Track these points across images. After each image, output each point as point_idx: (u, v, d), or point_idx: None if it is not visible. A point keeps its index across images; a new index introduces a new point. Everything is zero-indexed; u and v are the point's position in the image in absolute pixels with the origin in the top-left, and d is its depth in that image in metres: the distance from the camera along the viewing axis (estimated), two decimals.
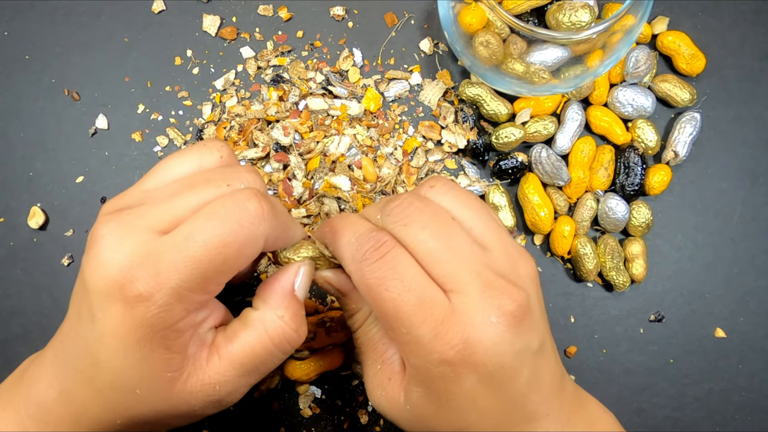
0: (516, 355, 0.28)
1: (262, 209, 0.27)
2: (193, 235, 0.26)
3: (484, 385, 0.28)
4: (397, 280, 0.27)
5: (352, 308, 0.33)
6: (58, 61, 0.46)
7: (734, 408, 0.43)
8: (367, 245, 0.28)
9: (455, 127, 0.45)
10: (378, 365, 0.31)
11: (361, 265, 0.28)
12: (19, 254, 0.44)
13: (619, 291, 0.44)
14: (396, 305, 0.27)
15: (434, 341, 0.27)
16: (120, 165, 0.45)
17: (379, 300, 0.28)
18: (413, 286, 0.27)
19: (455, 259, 0.28)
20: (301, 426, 0.42)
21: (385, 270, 0.28)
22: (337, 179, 0.43)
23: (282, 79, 0.46)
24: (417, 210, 0.29)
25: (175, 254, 0.26)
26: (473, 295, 0.28)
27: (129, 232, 0.27)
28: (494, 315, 0.27)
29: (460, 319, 0.27)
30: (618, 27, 0.35)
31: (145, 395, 0.28)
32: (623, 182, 0.44)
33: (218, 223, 0.26)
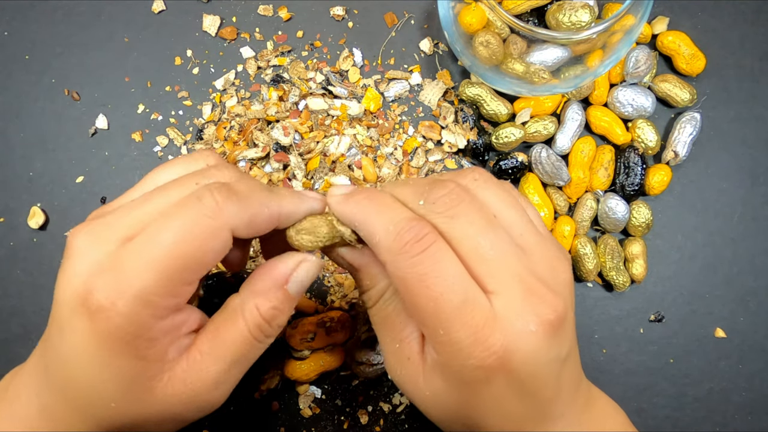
0: (548, 363, 0.27)
1: (215, 200, 0.26)
2: (152, 237, 0.25)
3: (512, 390, 0.27)
4: (440, 278, 0.26)
5: (366, 284, 0.31)
6: (58, 61, 0.46)
7: (734, 408, 0.43)
8: (407, 235, 0.26)
9: (455, 127, 0.45)
10: (396, 344, 0.30)
11: (399, 257, 0.26)
12: (19, 254, 0.44)
13: (619, 291, 0.44)
14: (437, 305, 0.26)
15: (473, 346, 0.26)
16: (120, 165, 0.45)
17: (417, 296, 0.26)
18: (456, 286, 0.26)
19: (499, 260, 0.27)
20: (301, 426, 0.42)
21: (427, 265, 0.26)
22: (337, 179, 0.43)
23: (282, 79, 0.46)
24: (464, 203, 0.28)
25: (136, 259, 0.25)
26: (515, 300, 0.26)
27: (95, 241, 0.26)
28: (534, 323, 0.26)
29: (500, 324, 0.26)
30: (618, 27, 0.35)
31: (124, 406, 0.27)
32: (623, 182, 0.44)
33: (174, 221, 0.26)
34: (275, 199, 0.29)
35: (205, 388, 0.28)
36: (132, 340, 0.25)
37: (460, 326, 0.26)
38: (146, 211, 0.27)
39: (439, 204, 0.28)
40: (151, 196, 0.28)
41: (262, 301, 0.29)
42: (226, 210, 0.26)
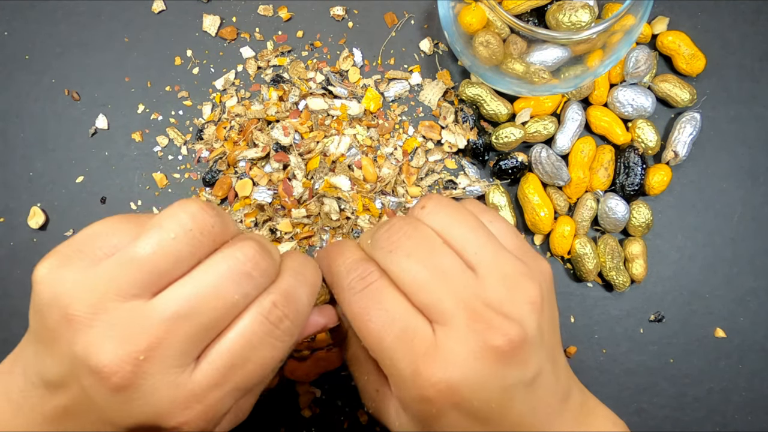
0: (504, 390, 0.26)
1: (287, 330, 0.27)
2: (229, 369, 0.26)
3: (470, 419, 0.27)
4: (381, 311, 0.27)
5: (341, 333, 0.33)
6: (58, 61, 0.46)
7: (734, 408, 0.43)
8: (353, 274, 0.29)
9: (455, 127, 0.45)
10: (365, 376, 0.31)
11: (347, 294, 0.29)
12: (19, 254, 0.44)
13: (619, 291, 0.44)
14: (378, 336, 0.27)
15: (415, 377, 0.26)
16: (120, 165, 0.45)
17: (362, 330, 0.28)
18: (396, 318, 0.27)
19: (441, 288, 0.27)
20: (301, 426, 0.42)
21: (368, 300, 0.28)
22: (337, 179, 0.43)
23: (282, 79, 0.46)
24: (404, 236, 0.28)
25: (217, 392, 0.26)
26: (459, 328, 0.26)
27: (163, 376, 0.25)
28: (479, 351, 0.26)
29: (442, 355, 0.26)
30: (618, 27, 0.35)
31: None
32: (623, 182, 0.44)
33: (253, 356, 0.26)
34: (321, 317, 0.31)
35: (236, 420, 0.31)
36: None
37: (401, 357, 0.27)
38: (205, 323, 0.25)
39: (380, 241, 0.29)
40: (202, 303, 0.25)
41: None
42: (292, 341, 0.28)
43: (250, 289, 0.26)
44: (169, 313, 0.24)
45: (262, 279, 0.27)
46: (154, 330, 0.24)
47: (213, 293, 0.25)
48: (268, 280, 0.27)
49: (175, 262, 0.25)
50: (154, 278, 0.25)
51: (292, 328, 0.27)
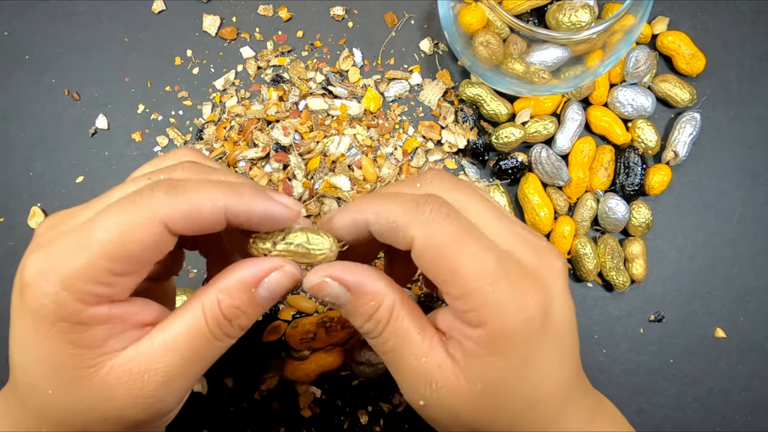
0: (572, 321, 0.28)
1: (150, 193, 0.25)
2: (87, 225, 0.25)
3: (557, 344, 0.27)
4: (474, 235, 0.26)
5: (370, 306, 0.27)
6: (58, 61, 0.46)
7: (734, 408, 0.43)
8: (429, 204, 0.26)
9: (455, 127, 0.45)
10: (422, 357, 0.27)
11: (429, 226, 0.26)
12: (19, 254, 0.44)
13: (619, 291, 0.44)
14: (478, 261, 0.25)
15: (522, 296, 0.26)
16: (120, 165, 0.45)
17: (456, 260, 0.25)
18: (488, 242, 0.26)
19: (503, 222, 0.28)
20: (301, 426, 0.42)
21: (458, 225, 0.26)
22: (337, 179, 0.43)
23: (282, 79, 0.46)
24: (454, 179, 0.29)
25: (67, 243, 0.25)
26: (529, 255, 0.27)
27: (55, 226, 0.27)
28: (552, 273, 0.27)
29: (533, 274, 0.27)
30: (618, 27, 0.35)
31: (59, 395, 0.26)
32: (623, 182, 0.44)
33: (109, 212, 0.25)
34: (227, 196, 0.26)
35: (154, 381, 0.26)
36: (56, 322, 0.25)
37: (504, 277, 0.26)
38: (102, 203, 0.27)
39: (437, 181, 0.29)
40: (112, 191, 0.28)
41: (225, 297, 0.27)
42: (157, 201, 0.25)
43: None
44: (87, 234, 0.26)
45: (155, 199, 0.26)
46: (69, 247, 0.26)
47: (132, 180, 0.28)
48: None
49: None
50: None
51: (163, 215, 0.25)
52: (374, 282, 0.27)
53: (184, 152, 0.31)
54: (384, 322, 0.28)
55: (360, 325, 0.28)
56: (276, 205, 0.27)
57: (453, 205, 0.27)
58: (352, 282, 0.27)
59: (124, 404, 0.26)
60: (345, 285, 0.27)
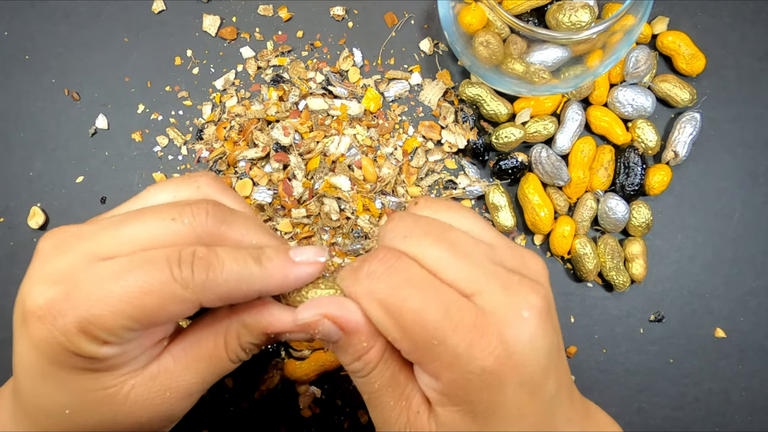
0: (548, 353, 0.26)
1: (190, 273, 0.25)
2: (117, 274, 0.24)
3: (525, 391, 0.26)
4: (414, 288, 0.25)
5: (362, 347, 0.27)
6: (58, 61, 0.46)
7: (734, 408, 0.43)
8: (372, 262, 0.26)
9: (455, 127, 0.45)
10: (403, 402, 0.27)
11: (369, 283, 0.26)
12: (19, 254, 0.44)
13: (619, 291, 0.44)
14: (421, 315, 0.25)
15: (472, 349, 0.25)
16: (120, 165, 0.45)
17: (399, 315, 0.25)
18: (432, 293, 0.25)
19: (466, 261, 0.26)
20: (301, 426, 0.42)
21: (397, 279, 0.25)
22: (337, 179, 0.43)
23: (282, 79, 0.46)
24: (412, 223, 0.28)
25: (94, 287, 0.24)
26: (496, 294, 0.26)
27: (65, 251, 0.25)
28: (525, 309, 0.26)
29: (492, 319, 0.25)
30: (618, 27, 0.35)
31: (77, 414, 0.26)
32: (623, 182, 0.44)
33: (144, 272, 0.25)
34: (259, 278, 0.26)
35: (176, 397, 0.27)
36: (72, 356, 0.25)
37: (451, 331, 0.25)
38: (121, 235, 0.26)
39: (389, 231, 0.28)
40: (130, 220, 0.27)
41: (246, 334, 0.28)
42: (199, 286, 0.25)
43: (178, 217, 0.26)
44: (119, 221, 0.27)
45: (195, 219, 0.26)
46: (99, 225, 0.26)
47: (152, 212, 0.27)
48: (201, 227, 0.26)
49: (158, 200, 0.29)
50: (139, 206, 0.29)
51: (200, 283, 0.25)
52: (368, 324, 0.27)
53: (205, 181, 0.30)
54: (373, 364, 0.27)
55: (348, 363, 0.28)
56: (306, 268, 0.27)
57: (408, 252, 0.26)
58: (346, 322, 0.27)
59: (142, 418, 0.27)
60: (339, 325, 0.27)
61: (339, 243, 0.44)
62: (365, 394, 0.28)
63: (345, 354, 0.27)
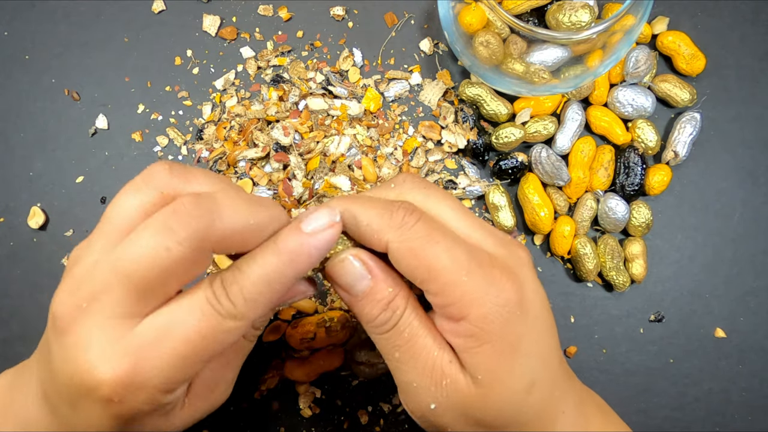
0: (544, 298, 0.29)
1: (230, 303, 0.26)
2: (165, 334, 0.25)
3: (538, 325, 0.28)
4: (443, 233, 0.28)
5: (388, 293, 0.28)
6: (58, 61, 0.46)
7: (734, 408, 0.43)
8: (400, 211, 0.28)
9: (455, 127, 0.45)
10: (435, 351, 0.28)
11: (401, 230, 0.27)
12: (19, 254, 0.44)
13: (619, 291, 0.44)
14: (451, 255, 0.27)
15: (497, 282, 0.27)
16: (120, 165, 0.45)
17: (430, 258, 0.27)
18: (458, 239, 0.28)
19: (471, 219, 0.29)
20: (301, 426, 0.42)
21: (428, 229, 0.27)
22: (337, 179, 0.43)
23: (282, 79, 0.46)
24: (424, 181, 0.31)
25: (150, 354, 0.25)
26: (496, 247, 0.29)
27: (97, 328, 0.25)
28: (519, 262, 0.29)
29: (502, 262, 0.28)
30: (618, 27, 0.35)
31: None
32: (623, 182, 0.44)
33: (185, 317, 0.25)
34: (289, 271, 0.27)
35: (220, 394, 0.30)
36: (147, 414, 0.26)
37: (477, 267, 0.27)
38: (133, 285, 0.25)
39: (408, 182, 0.30)
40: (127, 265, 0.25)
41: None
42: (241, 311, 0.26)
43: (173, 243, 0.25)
44: (112, 264, 0.25)
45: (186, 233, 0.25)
46: (100, 280, 0.25)
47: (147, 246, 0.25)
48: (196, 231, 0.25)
49: (127, 216, 0.27)
50: (114, 232, 0.26)
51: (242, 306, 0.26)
52: (392, 272, 0.29)
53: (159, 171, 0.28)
54: (401, 310, 0.28)
55: (375, 314, 0.28)
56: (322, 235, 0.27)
57: (423, 207, 0.29)
58: (374, 266, 0.29)
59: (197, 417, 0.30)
60: (368, 267, 0.28)
61: None
62: (394, 350, 0.28)
63: (372, 303, 0.28)
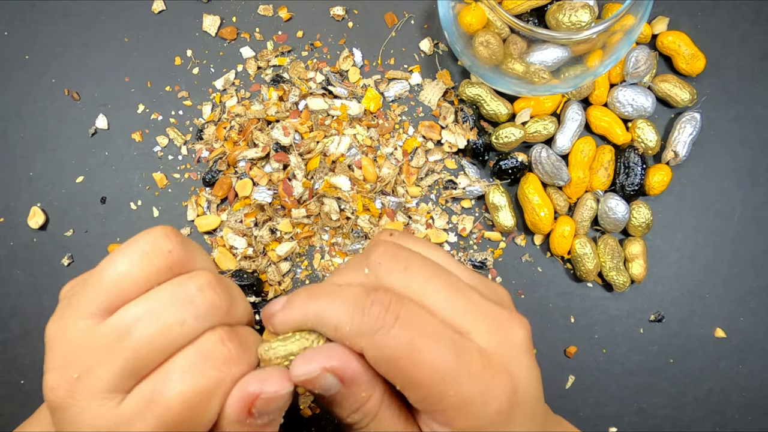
0: (538, 382, 0.27)
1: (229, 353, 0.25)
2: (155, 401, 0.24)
3: (528, 419, 0.26)
4: (428, 338, 0.24)
5: (360, 398, 0.26)
6: (58, 61, 0.46)
7: (734, 408, 0.43)
8: (374, 309, 0.24)
9: (455, 127, 0.45)
10: None
11: (378, 336, 0.24)
12: (19, 254, 0.44)
13: (619, 291, 0.44)
14: (436, 368, 0.24)
15: (486, 393, 0.24)
16: (120, 165, 0.45)
17: (412, 368, 0.24)
18: (444, 340, 0.24)
19: (462, 298, 0.26)
20: (301, 426, 0.42)
21: (410, 331, 0.24)
22: (337, 179, 0.43)
23: (282, 79, 0.46)
24: (407, 252, 0.27)
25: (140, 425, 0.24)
26: (493, 331, 0.26)
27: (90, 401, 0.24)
28: (518, 344, 0.26)
29: (495, 359, 0.25)
30: (618, 27, 0.35)
31: None
32: (623, 182, 0.44)
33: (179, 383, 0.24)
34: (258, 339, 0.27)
35: None
36: None
37: (467, 378, 0.24)
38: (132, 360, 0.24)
39: (385, 264, 0.27)
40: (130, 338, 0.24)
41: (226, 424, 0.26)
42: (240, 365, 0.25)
43: (191, 318, 0.24)
44: (110, 335, 0.24)
45: (206, 309, 0.25)
46: (93, 351, 0.24)
47: (151, 317, 0.24)
48: (215, 314, 0.25)
49: (129, 284, 0.25)
50: (111, 298, 0.25)
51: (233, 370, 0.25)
52: (366, 371, 0.26)
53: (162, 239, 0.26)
54: (373, 413, 0.26)
55: (346, 415, 0.26)
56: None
57: (405, 291, 0.26)
58: (346, 373, 0.25)
59: None
60: (339, 376, 0.25)
61: (339, 243, 0.44)
62: None
63: (343, 407, 0.26)
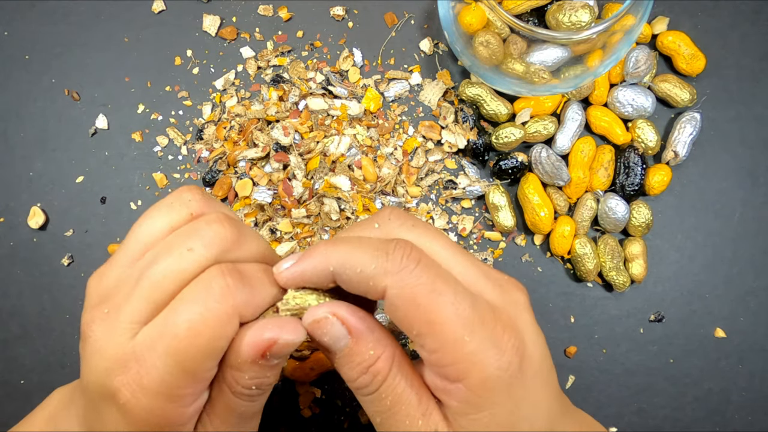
0: (543, 344, 0.27)
1: (226, 286, 0.25)
2: (165, 329, 0.24)
3: (538, 380, 0.26)
4: (447, 282, 0.24)
5: (368, 356, 0.26)
6: (58, 61, 0.46)
7: (734, 408, 0.43)
8: (398, 252, 0.25)
9: (455, 127, 0.45)
10: (419, 420, 0.26)
11: (401, 275, 0.24)
12: (19, 254, 0.44)
13: (619, 291, 0.44)
14: (456, 309, 0.24)
15: (499, 342, 0.25)
16: (120, 165, 0.45)
17: (431, 309, 0.24)
18: (460, 288, 0.25)
19: (467, 260, 0.27)
20: (301, 426, 0.42)
21: (431, 273, 0.24)
22: (337, 179, 0.43)
23: (282, 79, 0.46)
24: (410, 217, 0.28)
25: (153, 353, 0.24)
26: (495, 293, 0.26)
27: (111, 333, 0.25)
28: (518, 308, 0.26)
29: (504, 315, 0.26)
30: (618, 27, 0.35)
31: None
32: (623, 182, 0.44)
33: (186, 311, 0.24)
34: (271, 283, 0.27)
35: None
36: (164, 426, 0.25)
37: (480, 326, 0.24)
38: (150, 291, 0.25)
39: (395, 220, 0.27)
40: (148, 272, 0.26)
41: (238, 375, 0.26)
42: (236, 294, 0.25)
43: (198, 245, 0.26)
44: (135, 273, 0.26)
45: (212, 238, 0.26)
46: (122, 290, 0.26)
47: (165, 250, 0.26)
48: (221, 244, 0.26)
49: (155, 231, 0.27)
50: (140, 247, 0.27)
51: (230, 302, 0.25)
52: (377, 329, 0.26)
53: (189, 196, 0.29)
54: (382, 376, 0.26)
55: (354, 377, 0.26)
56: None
57: (418, 240, 0.26)
58: (355, 324, 0.26)
59: None
60: (348, 326, 0.26)
61: None
62: (376, 416, 0.26)
63: (351, 365, 0.26)
